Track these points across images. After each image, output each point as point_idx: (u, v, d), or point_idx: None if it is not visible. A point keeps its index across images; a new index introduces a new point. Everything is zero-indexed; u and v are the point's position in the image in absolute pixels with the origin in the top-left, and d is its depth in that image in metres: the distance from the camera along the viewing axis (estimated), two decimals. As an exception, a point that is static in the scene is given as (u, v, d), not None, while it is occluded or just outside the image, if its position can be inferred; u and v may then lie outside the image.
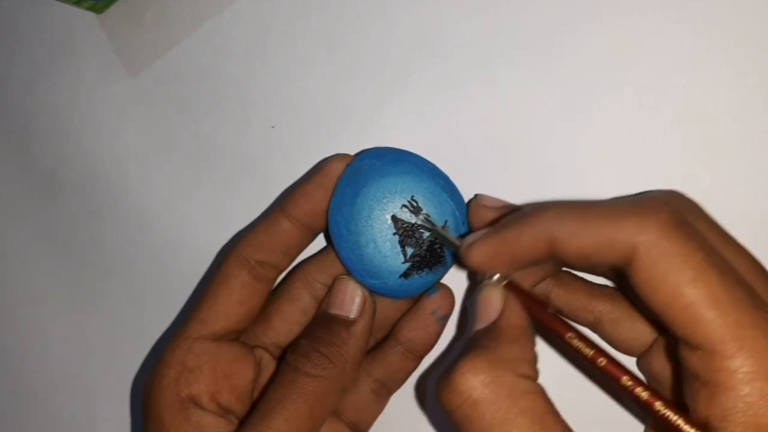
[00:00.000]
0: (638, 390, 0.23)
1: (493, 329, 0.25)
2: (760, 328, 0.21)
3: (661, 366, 0.27)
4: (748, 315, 0.21)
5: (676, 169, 0.30)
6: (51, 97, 0.39)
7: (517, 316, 0.25)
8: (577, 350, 0.24)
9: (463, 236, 0.27)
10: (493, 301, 0.25)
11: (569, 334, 0.24)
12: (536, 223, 0.24)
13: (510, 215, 0.26)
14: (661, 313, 0.22)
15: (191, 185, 0.37)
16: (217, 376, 0.29)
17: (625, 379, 0.23)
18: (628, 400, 0.23)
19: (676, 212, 0.22)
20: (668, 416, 0.22)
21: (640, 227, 0.22)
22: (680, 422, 0.22)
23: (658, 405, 0.22)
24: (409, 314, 0.31)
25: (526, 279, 0.28)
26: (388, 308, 0.32)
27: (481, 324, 0.25)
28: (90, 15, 0.38)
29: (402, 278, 0.29)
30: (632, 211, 0.23)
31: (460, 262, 0.26)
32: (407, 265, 0.29)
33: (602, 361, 0.23)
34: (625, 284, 0.26)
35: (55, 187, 0.39)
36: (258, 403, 0.28)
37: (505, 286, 0.26)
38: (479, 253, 0.25)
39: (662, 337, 0.27)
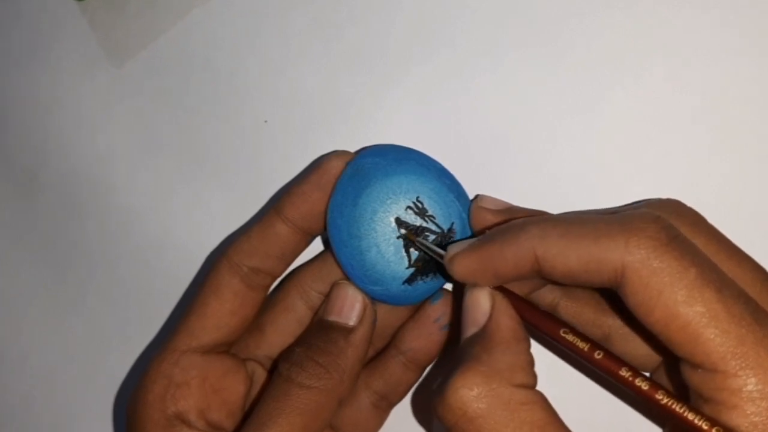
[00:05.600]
0: (638, 381, 0.22)
1: (483, 335, 0.24)
2: (764, 344, 0.21)
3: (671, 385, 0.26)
4: (750, 331, 0.21)
5: (690, 167, 0.30)
6: (29, 90, 0.38)
7: (506, 318, 0.25)
8: (572, 346, 0.24)
9: (446, 246, 0.27)
10: (481, 304, 0.25)
11: (563, 330, 0.24)
12: (520, 239, 0.24)
13: (496, 228, 0.25)
14: (659, 335, 0.22)
15: (179, 184, 0.36)
16: (205, 392, 0.29)
17: (624, 371, 0.23)
18: (631, 395, 0.23)
19: (666, 228, 0.22)
20: (671, 406, 0.22)
21: (628, 246, 0.22)
22: (685, 411, 0.22)
23: (660, 395, 0.22)
24: (410, 322, 0.31)
25: (519, 288, 0.27)
26: (388, 316, 0.31)
27: (470, 330, 0.25)
28: (70, 2, 0.37)
29: (405, 284, 0.29)
30: (620, 229, 0.22)
31: (444, 273, 0.27)
32: (411, 270, 0.29)
33: (599, 354, 0.23)
34: (618, 306, 0.26)
35: (33, 186, 0.39)
36: (249, 418, 0.27)
37: (494, 287, 0.26)
38: (463, 266, 0.25)
39: (663, 357, 0.27)
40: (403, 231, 0.28)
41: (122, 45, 0.36)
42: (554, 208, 0.29)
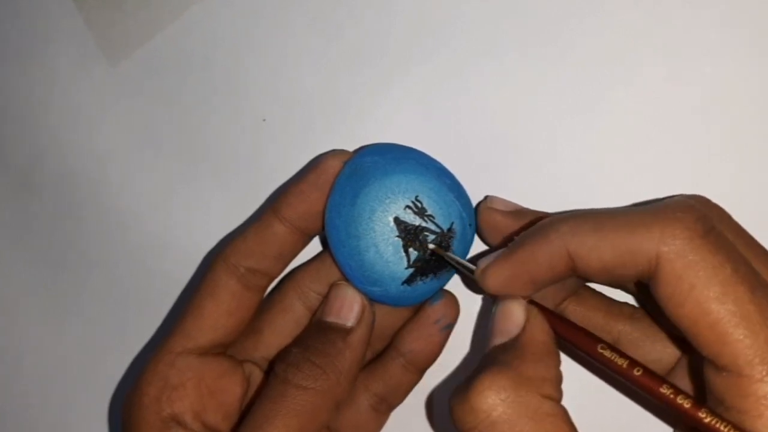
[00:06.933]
0: (679, 399, 0.22)
1: (514, 345, 0.24)
2: None
3: (684, 388, 0.26)
4: None
5: (694, 166, 0.30)
6: (25, 88, 0.38)
7: (541, 332, 0.25)
8: (609, 362, 0.24)
9: (473, 260, 0.27)
10: (515, 315, 0.25)
11: (600, 345, 0.24)
12: (551, 239, 0.23)
13: (523, 232, 0.25)
14: (686, 330, 0.22)
15: (176, 183, 0.36)
16: (201, 393, 0.28)
17: (665, 388, 0.22)
18: (667, 411, 0.23)
19: (702, 219, 0.22)
20: (715, 425, 0.21)
21: (663, 236, 0.21)
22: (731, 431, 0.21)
23: (703, 413, 0.21)
24: (410, 324, 0.31)
25: (548, 299, 0.27)
26: (387, 317, 0.31)
27: (499, 339, 0.25)
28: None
29: (405, 285, 0.29)
30: (654, 218, 0.22)
31: (472, 286, 0.27)
32: (410, 270, 0.29)
33: (638, 371, 0.23)
34: (647, 298, 0.25)
35: (29, 186, 0.39)
36: (244, 419, 0.27)
37: (528, 301, 0.25)
38: (496, 277, 0.25)
39: (686, 356, 0.27)
40: (432, 246, 0.28)
41: (119, 43, 0.36)
42: (555, 208, 0.29)
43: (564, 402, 0.24)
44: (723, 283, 0.21)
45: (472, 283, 0.27)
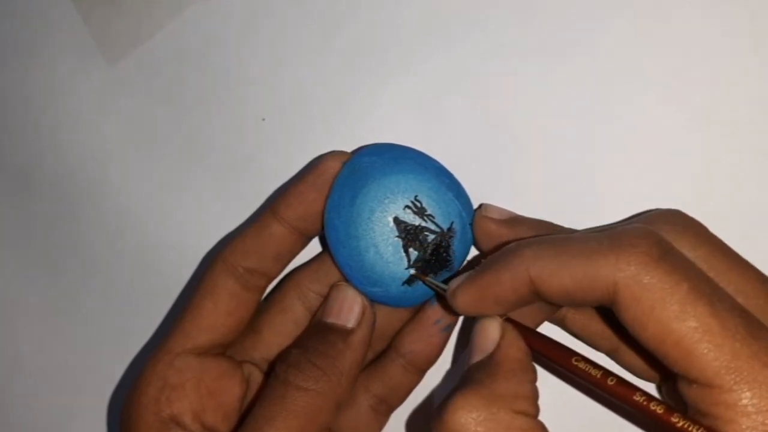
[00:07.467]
0: (652, 405, 0.22)
1: (489, 363, 0.25)
2: (759, 358, 0.21)
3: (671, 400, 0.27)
4: (744, 344, 0.21)
5: (695, 172, 0.30)
6: (22, 88, 0.38)
7: (515, 348, 0.25)
8: (583, 374, 0.24)
9: (447, 280, 0.28)
10: (490, 332, 0.25)
11: (574, 358, 0.24)
12: (514, 264, 0.24)
13: (490, 256, 0.26)
14: (654, 350, 0.22)
15: (175, 184, 0.36)
16: (201, 394, 0.28)
17: (638, 395, 0.23)
18: (644, 420, 0.23)
19: (658, 243, 0.22)
20: (687, 428, 0.22)
21: (618, 263, 0.22)
22: None
23: (676, 418, 0.22)
24: (410, 324, 0.31)
25: (529, 318, 0.28)
26: (387, 318, 0.31)
27: (476, 357, 0.25)
28: (65, -2, 0.38)
29: (405, 285, 0.29)
30: (610, 246, 0.23)
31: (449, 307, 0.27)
32: (411, 270, 0.29)
33: (612, 380, 0.23)
34: (619, 325, 0.26)
35: (27, 186, 0.39)
36: (244, 421, 0.27)
37: (505, 319, 0.26)
38: (464, 299, 0.26)
39: (660, 373, 0.27)
40: (412, 271, 0.28)
41: (118, 42, 0.36)
42: (554, 209, 0.29)
43: (548, 417, 0.24)
44: (681, 301, 0.21)
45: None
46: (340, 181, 0.29)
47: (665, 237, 0.23)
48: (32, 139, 0.38)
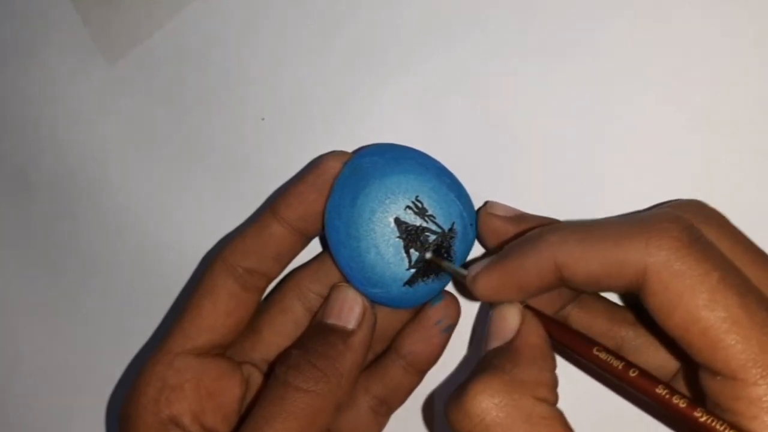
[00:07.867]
0: (675, 399, 0.22)
1: (509, 349, 0.25)
2: None
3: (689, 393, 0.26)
4: None
5: (700, 169, 0.30)
6: (21, 87, 0.38)
7: (536, 336, 0.25)
8: (604, 364, 0.24)
9: (465, 265, 0.27)
10: (510, 319, 0.25)
11: (596, 348, 0.24)
12: (540, 249, 0.24)
13: (513, 241, 0.26)
14: (678, 339, 0.22)
15: (175, 183, 0.36)
16: (200, 395, 0.28)
17: (660, 388, 0.22)
18: (664, 413, 0.23)
19: (688, 229, 0.22)
20: (711, 424, 0.21)
21: (649, 248, 0.22)
22: (726, 430, 0.21)
23: (699, 413, 0.22)
24: (410, 325, 0.31)
25: (547, 305, 0.27)
26: (388, 319, 0.31)
27: (494, 343, 0.25)
28: (64, -2, 0.37)
29: (406, 286, 0.29)
30: (640, 230, 0.22)
31: (465, 292, 0.27)
32: (412, 271, 0.28)
33: (634, 372, 0.23)
34: (641, 310, 0.26)
35: (26, 186, 0.39)
36: (244, 422, 0.27)
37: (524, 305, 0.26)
38: (486, 284, 0.25)
39: (681, 363, 0.27)
40: (429, 255, 0.28)
41: (117, 41, 0.36)
42: (555, 209, 0.29)
43: (563, 405, 0.24)
44: (711, 290, 0.21)
45: (466, 289, 0.27)
46: (341, 181, 0.29)
47: (696, 224, 0.23)
48: (32, 138, 0.38)
